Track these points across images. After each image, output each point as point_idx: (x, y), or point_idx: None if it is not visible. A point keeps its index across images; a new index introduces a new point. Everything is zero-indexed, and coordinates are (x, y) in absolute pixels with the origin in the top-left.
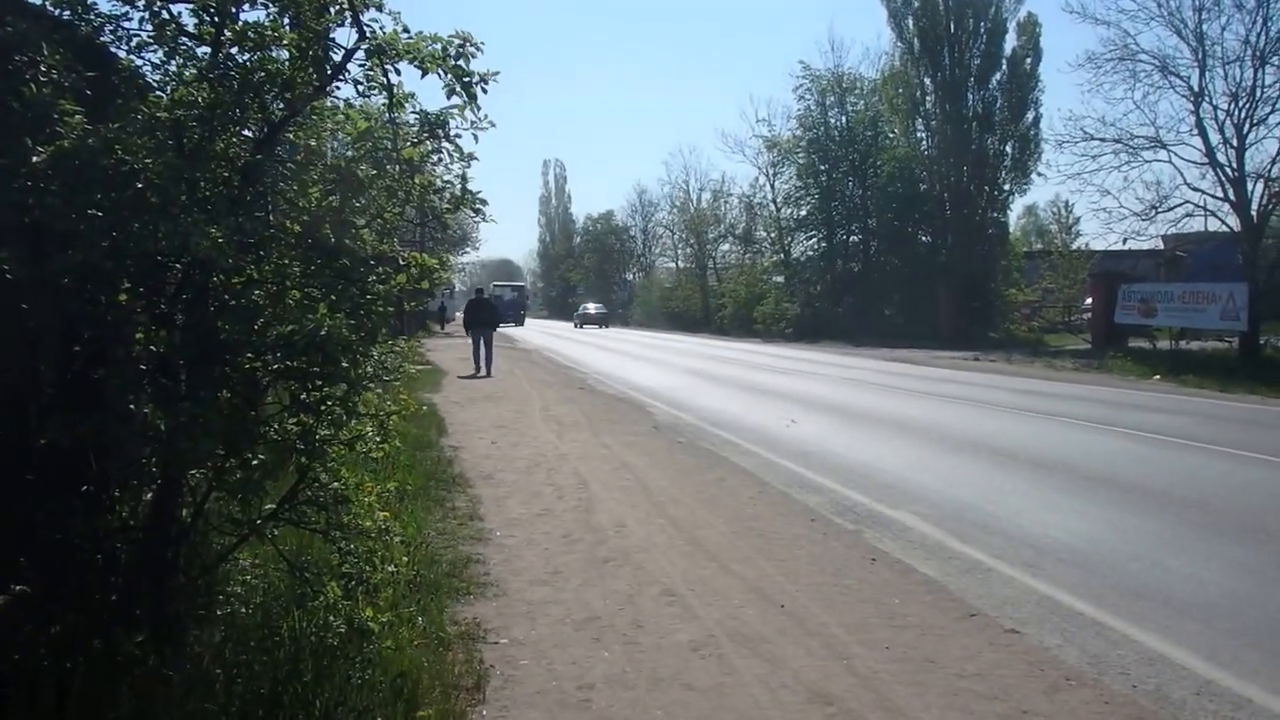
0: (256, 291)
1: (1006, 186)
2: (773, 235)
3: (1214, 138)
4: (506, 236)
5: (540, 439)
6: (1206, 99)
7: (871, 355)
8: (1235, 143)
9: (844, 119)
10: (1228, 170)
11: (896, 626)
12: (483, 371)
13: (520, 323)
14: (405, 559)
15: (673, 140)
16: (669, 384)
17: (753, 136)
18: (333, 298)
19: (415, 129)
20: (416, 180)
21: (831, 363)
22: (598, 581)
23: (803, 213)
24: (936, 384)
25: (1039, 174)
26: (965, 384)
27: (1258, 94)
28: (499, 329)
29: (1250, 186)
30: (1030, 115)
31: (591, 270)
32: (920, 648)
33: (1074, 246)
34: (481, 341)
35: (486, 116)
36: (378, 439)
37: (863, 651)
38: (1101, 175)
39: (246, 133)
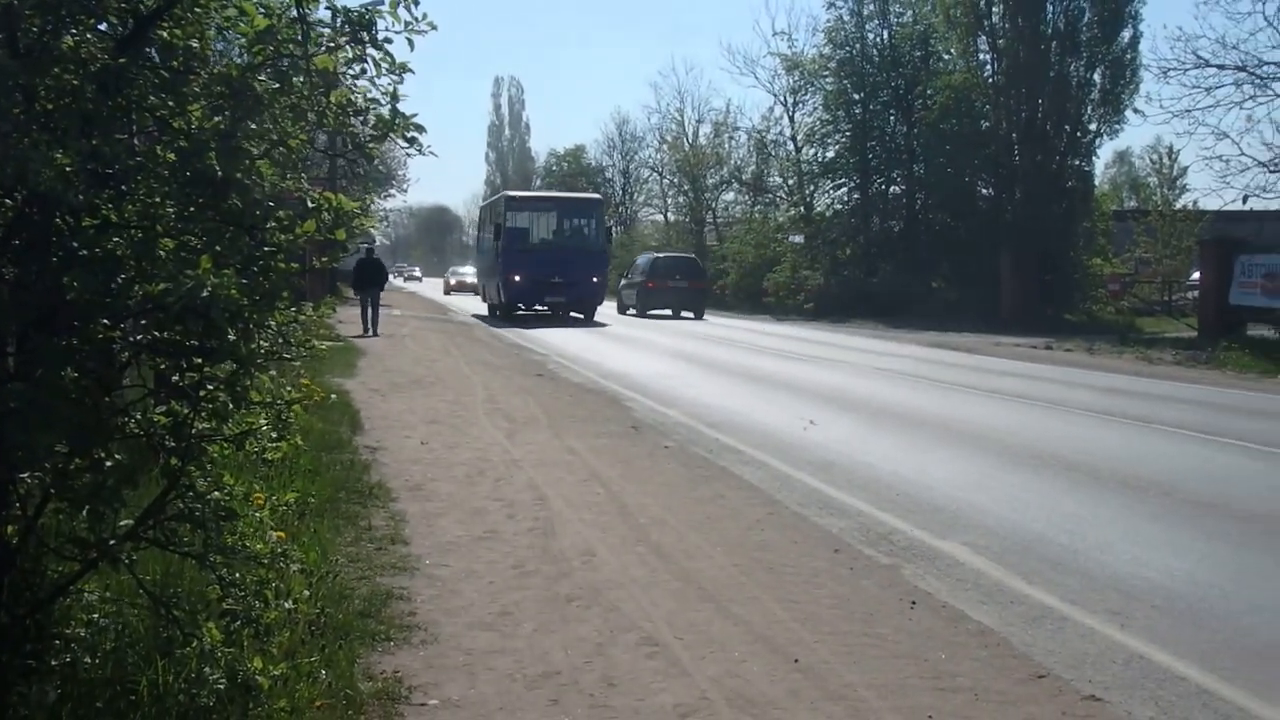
0: (116, 238)
1: (1093, 126)
2: (791, 183)
3: None
4: (444, 178)
5: (485, 439)
6: None
7: (914, 340)
8: None
9: (886, 34)
10: None
11: (943, 690)
12: (369, 331)
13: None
14: (306, 593)
15: (664, 56)
16: (653, 371)
17: (768, 54)
18: (218, 249)
19: (331, 30)
20: (331, 98)
21: (862, 348)
22: (558, 626)
23: (830, 154)
24: (996, 378)
25: (1136, 110)
26: (1034, 379)
27: None
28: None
29: None
30: (1127, 34)
31: None
32: (973, 717)
33: (1179, 205)
34: (369, 302)
35: (426, 16)
36: (273, 435)
37: None
38: (1218, 113)
39: (104, 28)
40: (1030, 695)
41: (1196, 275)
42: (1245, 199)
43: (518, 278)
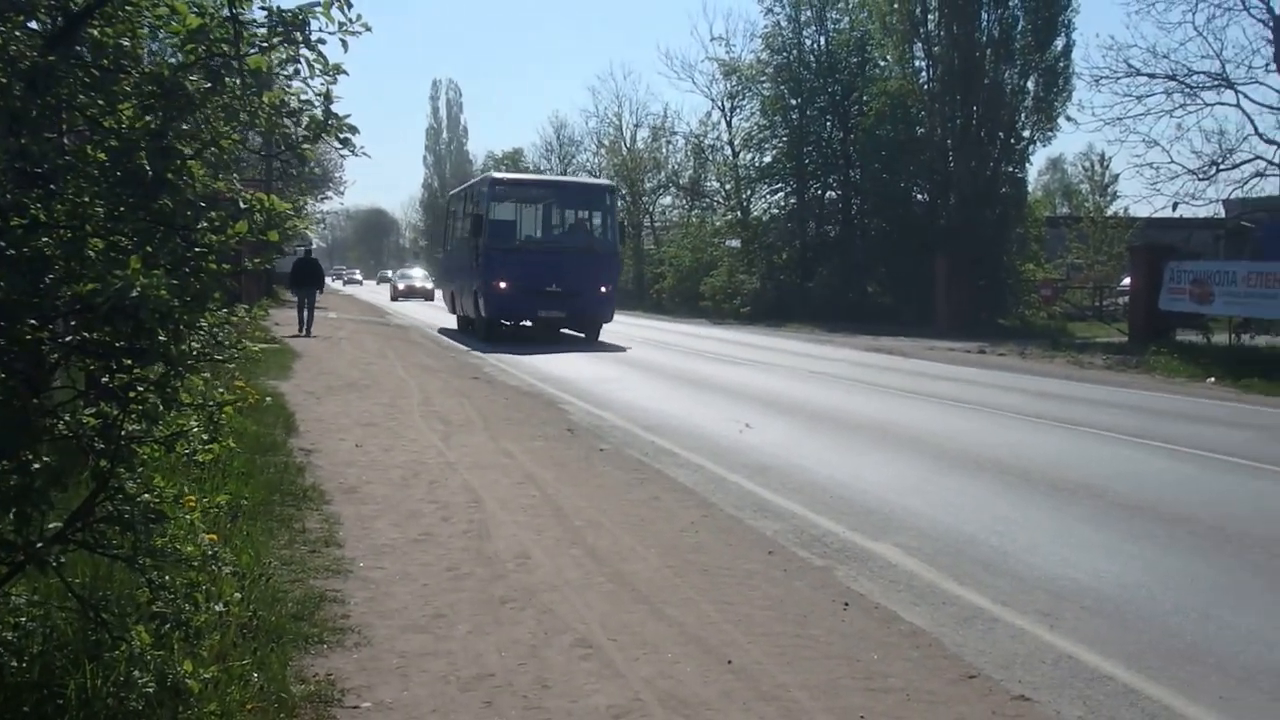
0: (45, 238)
1: (1027, 133)
2: (728, 187)
3: None
4: (382, 180)
5: (420, 442)
6: None
7: (849, 344)
8: None
9: (823, 40)
10: None
11: (875, 690)
12: (304, 331)
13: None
14: (238, 596)
15: (602, 60)
16: (589, 374)
17: (706, 59)
18: (149, 249)
19: (265, 30)
20: (265, 98)
21: (798, 352)
22: (492, 628)
23: (767, 159)
24: (931, 382)
25: (1068, 118)
26: (967, 383)
27: None
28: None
29: None
30: (1060, 42)
31: None
32: (905, 717)
33: (1110, 212)
34: (305, 302)
35: (360, 17)
36: (205, 438)
37: None
38: (1149, 121)
39: (33, 25)
40: (961, 695)
41: (1127, 281)
42: (1175, 206)
43: (503, 285)
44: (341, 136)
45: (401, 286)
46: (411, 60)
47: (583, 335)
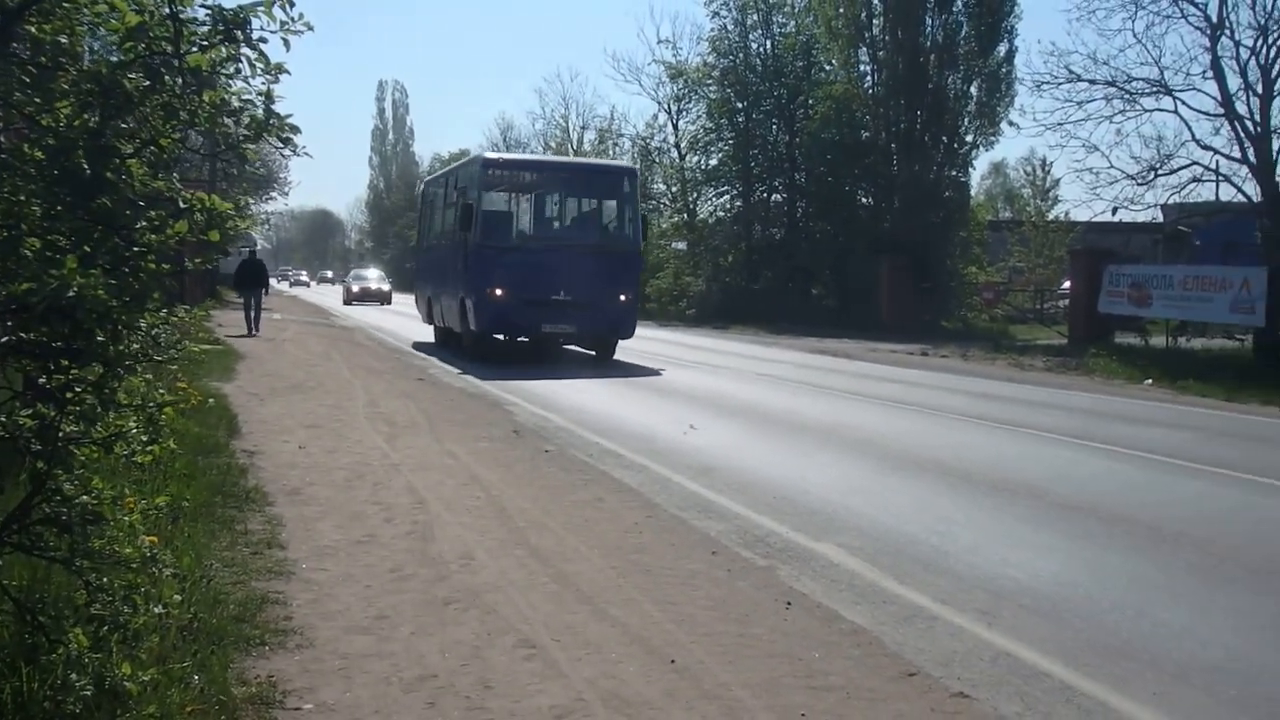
0: None
1: (970, 137)
2: (674, 190)
3: (1233, 82)
4: (327, 181)
5: (365, 444)
6: (1227, 32)
7: (795, 346)
8: (1260, 89)
9: (769, 44)
10: (1248, 124)
11: (816, 688)
12: (253, 331)
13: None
14: (178, 598)
15: (549, 63)
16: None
17: (652, 61)
18: (86, 248)
19: (206, 29)
20: (205, 97)
21: (744, 354)
22: (435, 629)
23: (713, 162)
24: (874, 384)
25: (1010, 123)
26: (910, 384)
27: None
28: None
29: (1276, 145)
30: (1003, 48)
31: None
32: (845, 715)
33: (1051, 216)
34: (251, 302)
35: (302, 16)
36: (144, 439)
37: None
38: (1089, 127)
39: None
40: (900, 693)
41: (1067, 284)
42: (1114, 211)
43: (498, 292)
44: (283, 136)
45: (355, 289)
46: (358, 61)
47: (593, 354)
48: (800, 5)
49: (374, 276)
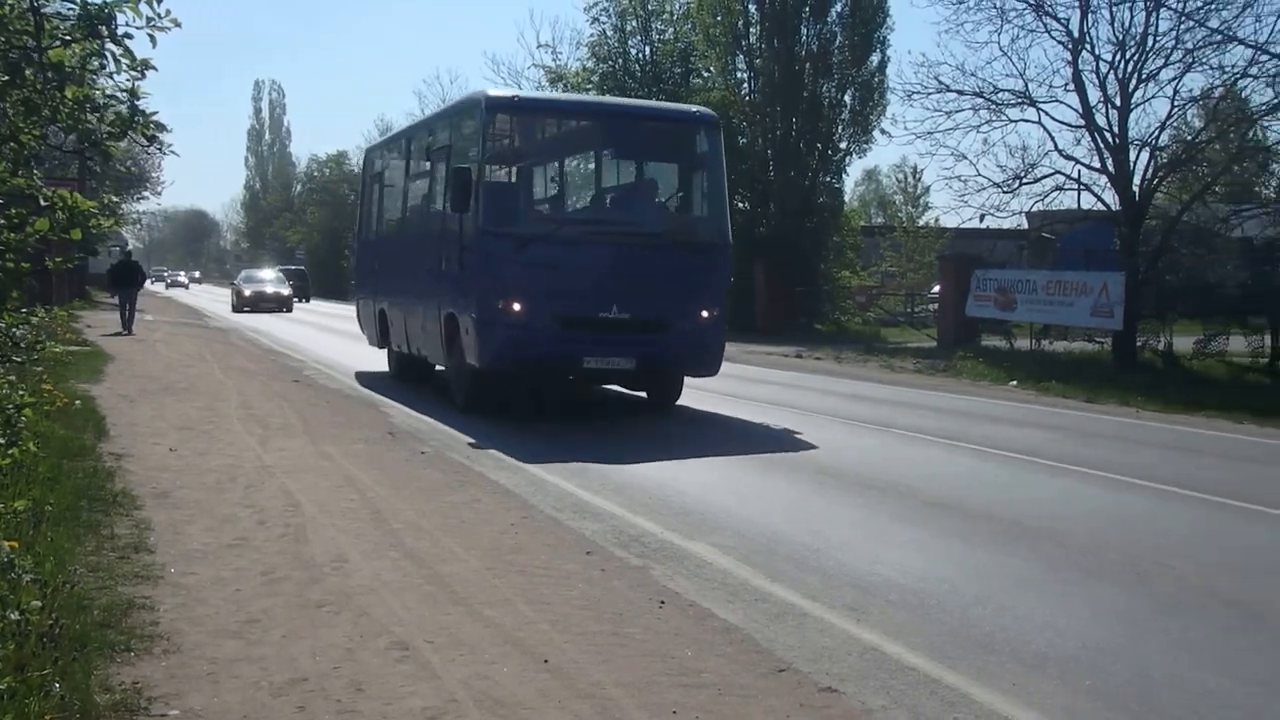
0: None
1: (844, 144)
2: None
3: (1094, 95)
4: (202, 181)
5: (238, 446)
6: (1088, 47)
7: None
8: (1118, 101)
9: (648, 50)
10: (1107, 135)
11: (688, 685)
12: (127, 330)
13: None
14: (39, 604)
15: (428, 66)
16: (411, 378)
17: (532, 66)
18: None
19: (70, 23)
20: (68, 93)
21: None
22: (307, 632)
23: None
24: (748, 385)
25: (883, 131)
26: (783, 385)
27: (1149, 43)
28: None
29: (1133, 156)
30: (876, 58)
31: (316, 229)
32: (716, 711)
33: (922, 222)
34: (125, 302)
35: (169, 13)
36: (2, 441)
37: (645, 718)
38: (957, 136)
39: None
40: (771, 689)
41: (937, 289)
42: (982, 218)
43: (517, 306)
44: (149, 134)
45: (248, 293)
46: (235, 60)
47: (644, 396)
48: (679, 12)
49: (271, 278)
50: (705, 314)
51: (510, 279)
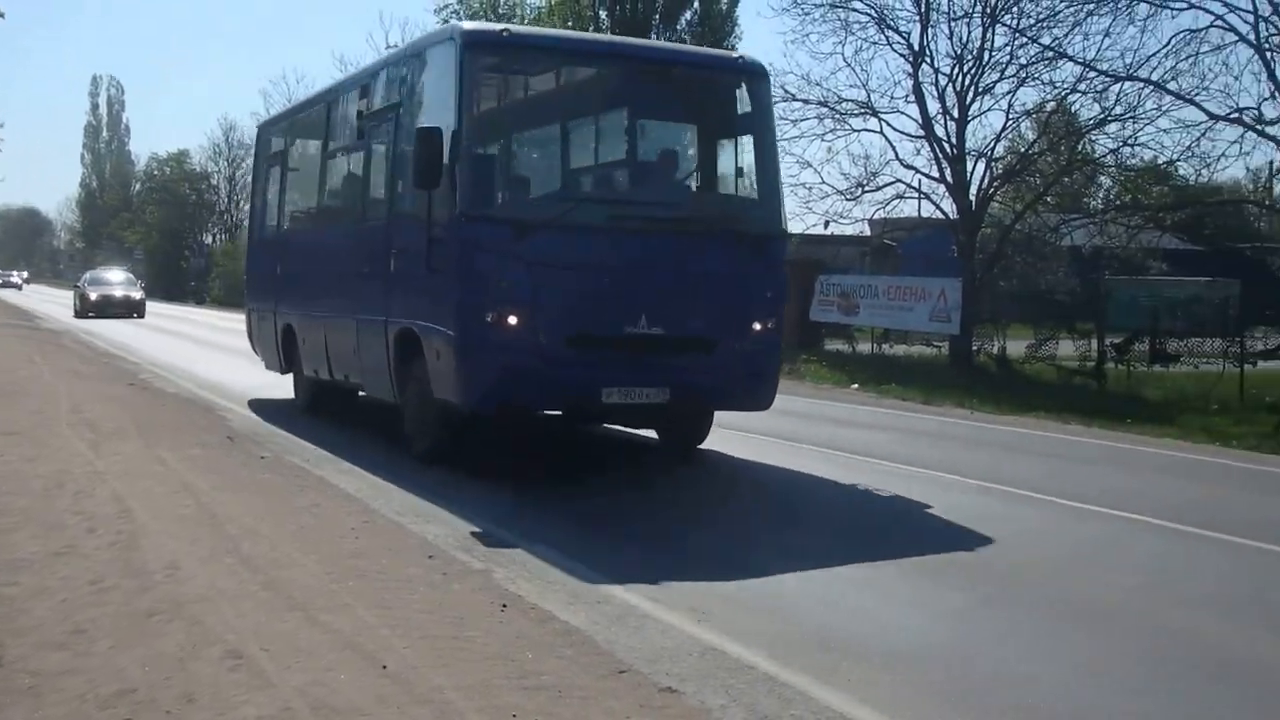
0: None
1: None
2: None
3: (933, 107)
4: (36, 178)
5: (67, 451)
6: (927, 59)
7: None
8: (956, 113)
9: None
10: (946, 146)
11: (528, 688)
12: None
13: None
14: None
15: (276, 65)
16: (252, 382)
17: None
18: None
19: None
20: None
21: None
22: (137, 642)
23: None
24: None
25: None
26: None
27: (985, 57)
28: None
29: (970, 166)
30: None
31: (156, 229)
32: (556, 714)
33: None
34: None
35: None
36: None
37: None
38: (803, 144)
39: None
40: (611, 690)
41: None
42: (826, 224)
43: (513, 320)
44: None
45: (94, 296)
46: (71, 55)
47: (658, 438)
48: (530, 17)
49: (120, 280)
50: (758, 326)
51: (504, 282)
